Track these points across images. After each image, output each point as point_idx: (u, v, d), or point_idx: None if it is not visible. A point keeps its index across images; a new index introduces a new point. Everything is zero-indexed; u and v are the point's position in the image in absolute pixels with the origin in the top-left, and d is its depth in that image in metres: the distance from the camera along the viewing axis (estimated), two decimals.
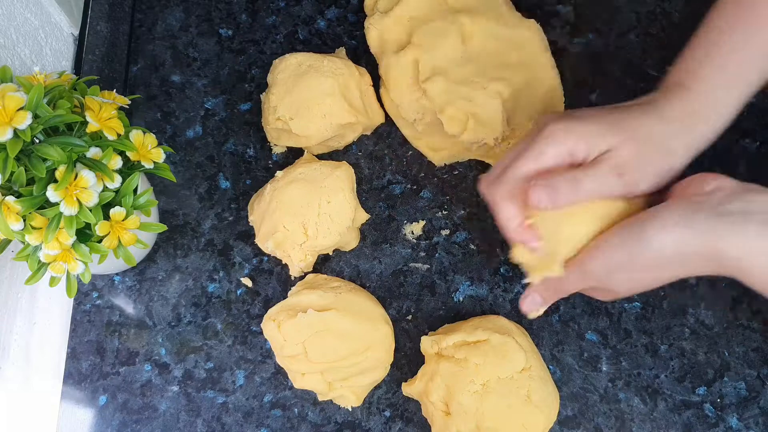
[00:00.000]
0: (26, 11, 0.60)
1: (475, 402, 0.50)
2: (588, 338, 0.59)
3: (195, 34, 0.69)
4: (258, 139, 0.65)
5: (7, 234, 0.45)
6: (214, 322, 0.60)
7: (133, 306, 0.60)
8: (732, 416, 0.56)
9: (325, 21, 0.70)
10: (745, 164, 0.63)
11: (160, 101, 0.67)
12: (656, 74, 0.66)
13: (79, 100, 0.49)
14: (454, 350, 0.52)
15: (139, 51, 0.69)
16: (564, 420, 0.56)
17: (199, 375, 0.58)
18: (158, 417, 0.57)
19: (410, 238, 0.62)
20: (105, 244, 0.48)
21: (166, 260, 0.62)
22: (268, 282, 0.61)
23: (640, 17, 0.68)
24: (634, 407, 0.57)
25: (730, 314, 0.59)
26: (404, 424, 0.57)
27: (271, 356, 0.58)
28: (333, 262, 0.62)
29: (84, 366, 0.58)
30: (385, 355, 0.55)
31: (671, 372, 0.58)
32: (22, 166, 0.45)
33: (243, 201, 0.63)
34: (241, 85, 0.67)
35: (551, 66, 0.63)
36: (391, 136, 0.65)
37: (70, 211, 0.45)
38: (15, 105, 0.44)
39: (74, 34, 0.68)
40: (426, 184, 0.64)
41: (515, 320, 0.57)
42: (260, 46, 0.69)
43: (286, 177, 0.59)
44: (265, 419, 0.57)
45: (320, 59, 0.62)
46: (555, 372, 0.57)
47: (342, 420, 0.57)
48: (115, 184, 0.48)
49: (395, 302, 0.60)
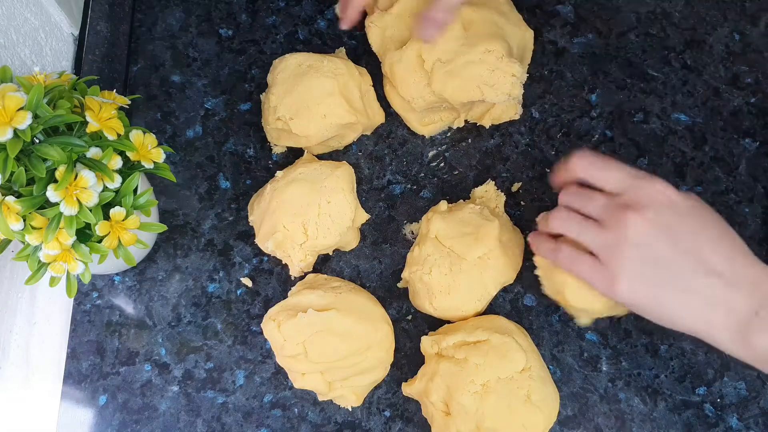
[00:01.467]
0: (26, 11, 0.60)
1: (475, 402, 0.50)
2: (588, 338, 0.59)
3: (195, 34, 0.69)
4: (258, 139, 0.65)
5: (7, 234, 0.45)
6: (214, 322, 0.60)
7: (133, 306, 0.60)
8: (732, 416, 0.56)
9: (325, 21, 0.70)
10: (745, 164, 0.63)
11: (160, 101, 0.67)
12: (656, 74, 0.66)
13: (79, 100, 0.49)
14: (454, 350, 0.52)
15: (139, 51, 0.69)
16: (564, 420, 0.56)
17: (199, 375, 0.58)
18: (158, 417, 0.57)
19: (410, 238, 0.62)
20: (105, 244, 0.48)
21: (166, 260, 0.62)
22: (268, 282, 0.61)
23: (640, 17, 0.68)
24: (634, 407, 0.57)
25: None
26: (404, 424, 0.57)
27: (271, 356, 0.58)
28: (333, 262, 0.62)
29: (84, 366, 0.58)
30: (385, 355, 0.55)
31: (671, 372, 0.58)
32: (22, 166, 0.45)
33: (243, 201, 0.63)
34: (241, 85, 0.67)
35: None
36: (391, 136, 0.65)
37: (70, 211, 0.45)
38: (15, 105, 0.44)
39: (74, 34, 0.68)
40: (426, 184, 0.64)
41: (515, 320, 0.57)
42: (260, 46, 0.69)
43: (286, 177, 0.59)
44: (265, 419, 0.57)
45: (320, 59, 0.61)
46: (555, 372, 0.57)
47: (342, 420, 0.57)
48: (115, 184, 0.48)
49: (395, 302, 0.60)
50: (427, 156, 0.65)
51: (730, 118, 0.65)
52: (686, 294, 0.46)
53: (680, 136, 0.64)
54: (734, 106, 0.65)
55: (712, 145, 0.64)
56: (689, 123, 0.65)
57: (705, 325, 0.46)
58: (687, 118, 0.65)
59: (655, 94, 0.66)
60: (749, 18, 0.68)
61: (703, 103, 0.65)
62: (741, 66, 0.67)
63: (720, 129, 0.65)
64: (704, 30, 0.68)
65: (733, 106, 0.65)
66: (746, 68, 0.66)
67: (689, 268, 0.46)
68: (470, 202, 0.61)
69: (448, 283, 0.56)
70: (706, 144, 0.64)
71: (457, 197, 0.63)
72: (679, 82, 0.66)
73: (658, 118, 0.65)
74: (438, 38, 0.58)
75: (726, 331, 0.45)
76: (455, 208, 0.59)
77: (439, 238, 0.57)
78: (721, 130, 0.65)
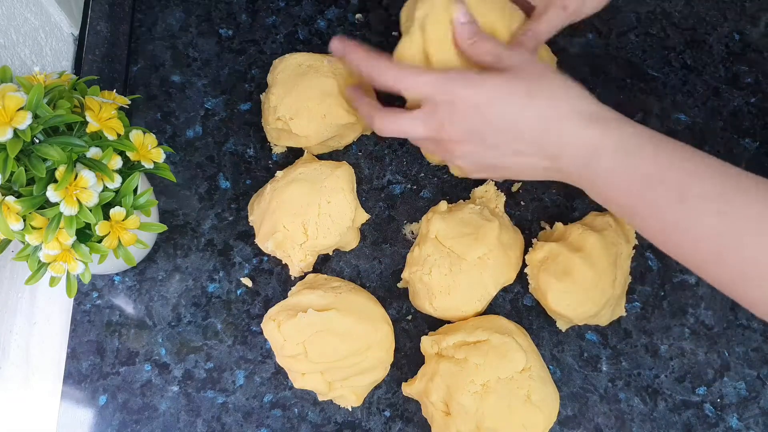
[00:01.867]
0: (26, 11, 0.60)
1: (475, 402, 0.50)
2: (588, 338, 0.59)
3: (195, 34, 0.69)
4: (258, 139, 0.65)
5: (7, 234, 0.45)
6: (214, 322, 0.60)
7: (133, 306, 0.60)
8: (732, 416, 0.56)
9: (325, 21, 0.70)
10: (745, 164, 0.63)
11: (160, 101, 0.67)
12: (656, 74, 0.66)
13: (79, 100, 0.49)
14: (454, 350, 0.52)
15: (139, 51, 0.69)
16: (564, 420, 0.56)
17: (199, 375, 0.58)
18: (158, 417, 0.57)
19: (410, 238, 0.62)
20: (105, 244, 0.48)
21: (166, 260, 0.62)
22: (268, 282, 0.61)
23: (640, 17, 0.69)
24: (634, 407, 0.57)
25: (730, 314, 0.59)
26: (404, 424, 0.57)
27: (271, 356, 0.58)
28: (333, 262, 0.62)
29: (84, 366, 0.58)
30: (385, 355, 0.55)
31: (671, 372, 0.58)
32: (22, 166, 0.45)
33: (243, 201, 0.63)
34: (241, 85, 0.67)
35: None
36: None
37: (70, 211, 0.45)
38: (15, 105, 0.44)
39: (74, 34, 0.68)
40: (426, 184, 0.64)
41: (515, 320, 0.57)
42: (260, 46, 0.69)
43: (286, 177, 0.59)
44: (265, 419, 0.57)
45: (320, 59, 0.62)
46: (555, 372, 0.57)
47: (342, 420, 0.57)
48: (115, 184, 0.48)
49: (395, 302, 0.60)
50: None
51: (730, 118, 0.65)
52: (512, 169, 0.50)
53: (680, 136, 0.64)
54: (734, 106, 0.65)
55: (712, 145, 0.64)
56: (689, 123, 0.65)
57: (543, 176, 0.50)
58: (687, 118, 0.65)
59: (655, 94, 0.66)
60: (749, 18, 0.68)
61: (703, 103, 0.66)
62: (741, 66, 0.67)
63: (720, 129, 0.65)
64: (704, 30, 0.68)
65: (733, 106, 0.65)
66: (746, 68, 0.67)
67: (503, 153, 0.49)
68: (470, 202, 0.61)
69: (448, 283, 0.56)
70: (706, 144, 0.64)
71: (457, 197, 0.63)
72: (679, 82, 0.66)
73: (658, 118, 0.65)
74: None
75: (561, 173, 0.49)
76: (455, 209, 0.59)
77: (439, 238, 0.57)
78: (721, 130, 0.65)
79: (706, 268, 0.43)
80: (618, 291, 0.57)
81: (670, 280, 0.60)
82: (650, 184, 0.44)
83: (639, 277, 0.60)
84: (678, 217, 0.43)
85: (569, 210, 0.63)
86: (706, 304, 0.59)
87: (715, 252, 0.42)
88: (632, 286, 0.60)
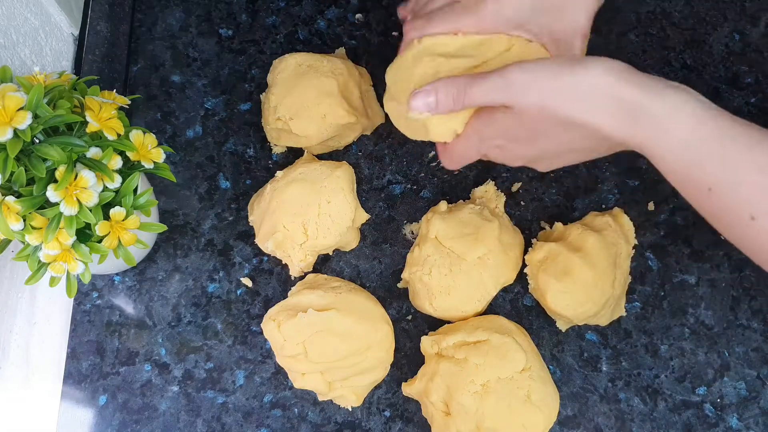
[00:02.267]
0: (26, 11, 0.60)
1: (475, 402, 0.50)
2: (588, 338, 0.59)
3: (195, 34, 0.69)
4: (258, 139, 0.65)
5: (7, 234, 0.45)
6: (214, 322, 0.60)
7: (133, 306, 0.60)
8: (732, 416, 0.56)
9: (325, 21, 0.70)
10: None
11: (160, 101, 0.67)
12: (656, 74, 0.66)
13: (79, 100, 0.49)
14: (454, 350, 0.52)
15: (139, 51, 0.69)
16: (564, 420, 0.56)
17: (199, 375, 0.58)
18: (158, 417, 0.57)
19: (410, 238, 0.62)
20: (105, 244, 0.48)
21: (166, 260, 0.62)
22: (268, 282, 0.61)
23: (640, 17, 0.68)
24: (634, 407, 0.57)
25: (730, 314, 0.59)
26: (404, 424, 0.57)
27: (271, 356, 0.58)
28: (333, 262, 0.62)
29: (84, 366, 0.58)
30: (385, 355, 0.55)
31: (671, 372, 0.58)
32: (22, 166, 0.45)
33: (243, 201, 0.63)
34: (241, 85, 0.67)
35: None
36: (391, 136, 0.65)
37: (70, 211, 0.45)
38: (15, 105, 0.44)
39: (74, 34, 0.68)
40: (426, 184, 0.64)
41: (515, 320, 0.57)
42: (260, 46, 0.69)
43: (286, 177, 0.59)
44: (265, 419, 0.57)
45: (320, 59, 0.62)
46: (555, 372, 0.58)
47: (342, 420, 0.57)
48: (115, 184, 0.48)
49: (395, 302, 0.60)
50: (427, 156, 0.65)
51: None
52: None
53: None
54: (734, 106, 0.65)
55: None
56: None
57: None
58: None
59: None
60: (749, 18, 0.68)
61: None
62: (741, 66, 0.67)
63: None
64: (704, 30, 0.68)
65: (733, 106, 0.65)
66: (746, 68, 0.67)
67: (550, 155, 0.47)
68: (470, 203, 0.61)
69: (447, 283, 0.56)
70: None
71: (457, 197, 0.63)
72: (679, 82, 0.66)
73: None
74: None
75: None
76: (455, 209, 0.59)
77: (439, 238, 0.57)
78: None
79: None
80: (618, 291, 0.57)
81: (670, 280, 0.60)
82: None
83: (639, 277, 0.60)
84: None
85: (569, 210, 0.63)
86: (706, 304, 0.59)
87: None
88: (632, 286, 0.60)
